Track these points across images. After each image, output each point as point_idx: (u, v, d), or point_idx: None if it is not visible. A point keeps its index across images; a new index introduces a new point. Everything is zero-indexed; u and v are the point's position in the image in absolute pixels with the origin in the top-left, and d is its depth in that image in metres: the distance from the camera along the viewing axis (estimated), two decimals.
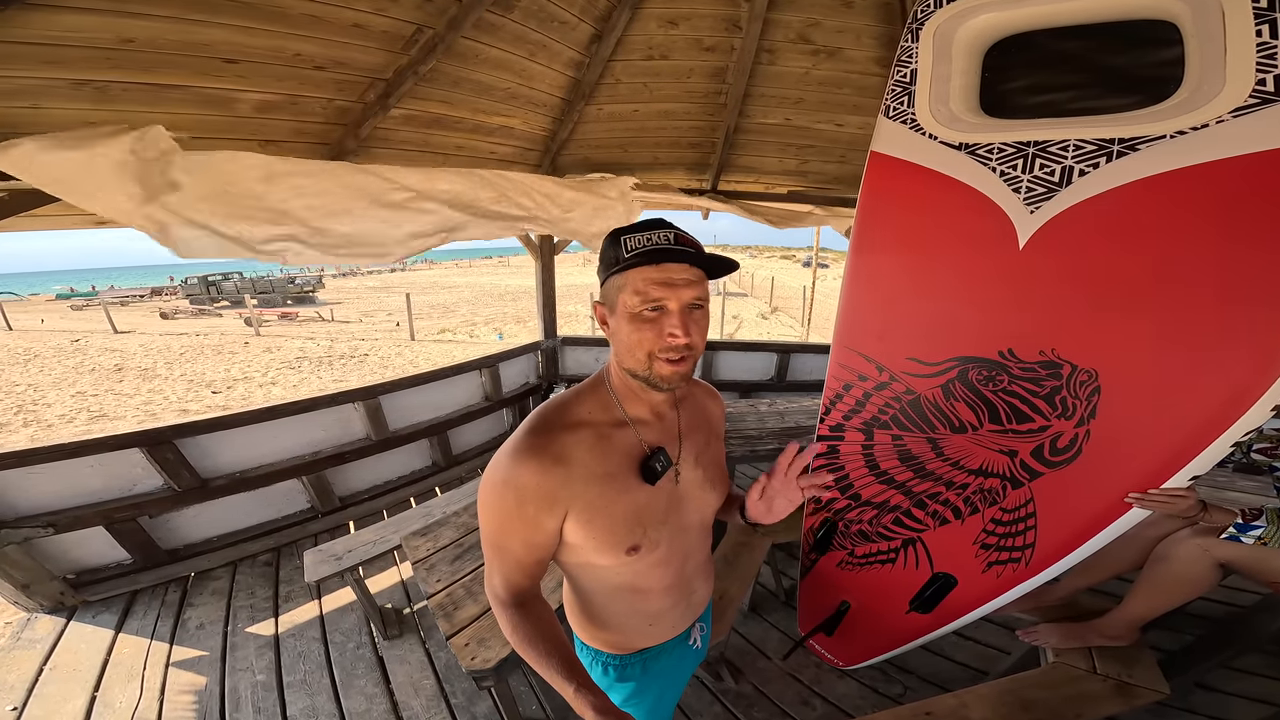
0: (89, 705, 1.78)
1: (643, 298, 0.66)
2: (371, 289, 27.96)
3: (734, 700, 1.83)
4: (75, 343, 12.80)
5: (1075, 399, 1.17)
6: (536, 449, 0.70)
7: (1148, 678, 1.32)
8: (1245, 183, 0.97)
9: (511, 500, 0.70)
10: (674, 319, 0.66)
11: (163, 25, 1.48)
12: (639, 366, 0.70)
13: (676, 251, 0.66)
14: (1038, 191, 1.22)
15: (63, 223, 2.29)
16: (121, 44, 1.45)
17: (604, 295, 0.72)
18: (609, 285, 0.70)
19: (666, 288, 0.65)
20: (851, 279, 1.59)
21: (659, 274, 0.65)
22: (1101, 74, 1.22)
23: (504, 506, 0.71)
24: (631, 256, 0.66)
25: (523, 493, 0.69)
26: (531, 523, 0.71)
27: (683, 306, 0.66)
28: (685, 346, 0.67)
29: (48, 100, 1.45)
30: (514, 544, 0.73)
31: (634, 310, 0.67)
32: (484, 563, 1.71)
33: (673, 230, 0.68)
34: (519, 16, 2.15)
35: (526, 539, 0.73)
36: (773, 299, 19.19)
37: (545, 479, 0.69)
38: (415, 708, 1.80)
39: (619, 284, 0.68)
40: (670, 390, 0.73)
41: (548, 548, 0.76)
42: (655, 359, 0.68)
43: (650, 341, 0.67)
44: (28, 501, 2.12)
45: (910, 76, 1.45)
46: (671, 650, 0.95)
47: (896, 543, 1.53)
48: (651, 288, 0.65)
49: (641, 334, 0.67)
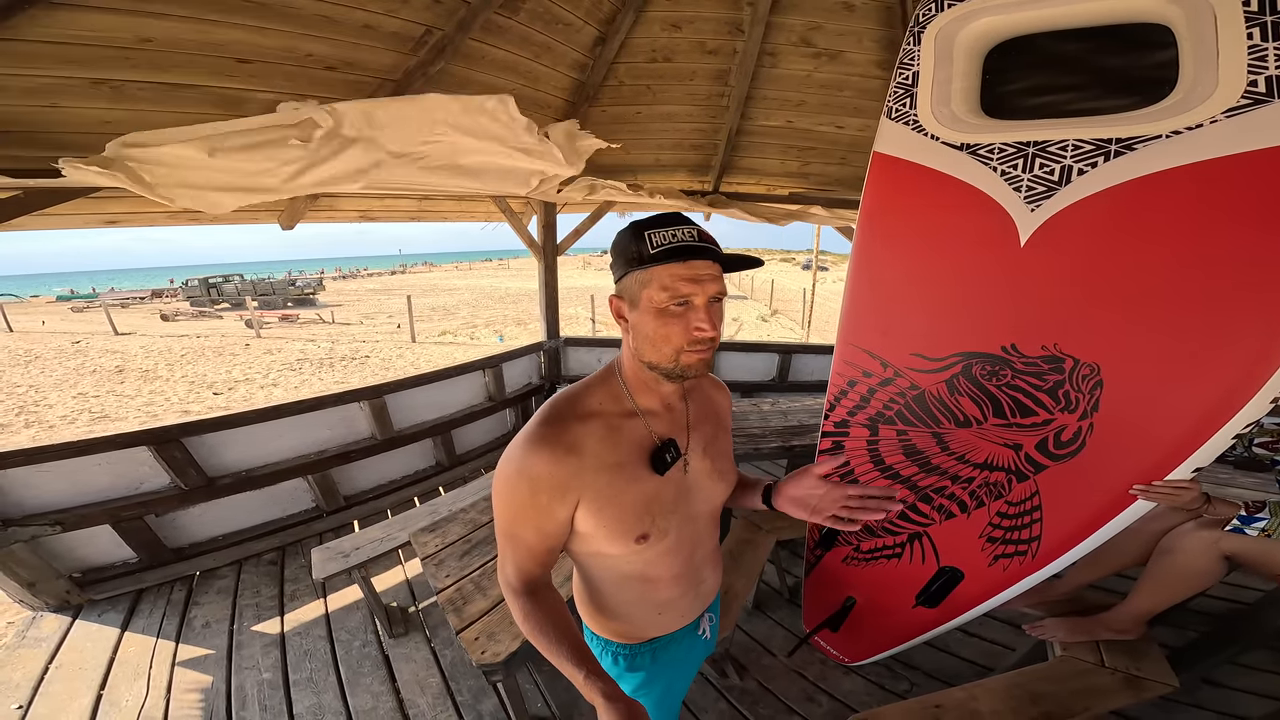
0: (95, 703, 1.79)
1: (671, 294, 0.67)
2: (372, 291, 28.00)
3: (739, 697, 1.84)
4: (76, 344, 12.81)
5: (1078, 392, 1.18)
6: (549, 439, 0.71)
7: (1156, 671, 1.32)
8: (1239, 180, 0.99)
9: (525, 489, 0.72)
10: (701, 314, 0.68)
11: (180, 25, 1.51)
12: (664, 359, 0.71)
13: (701, 249, 0.68)
14: (1038, 190, 1.24)
15: (74, 221, 2.32)
16: (140, 43, 1.48)
17: (623, 290, 0.72)
18: (630, 281, 0.70)
19: (694, 284, 0.67)
20: (855, 276, 1.61)
21: (687, 271, 0.67)
22: (1099, 76, 1.25)
23: (518, 495, 0.72)
24: (658, 253, 0.67)
25: (536, 482, 0.71)
26: (544, 511, 0.73)
27: (707, 300, 0.69)
28: (710, 339, 0.70)
29: (66, 99, 1.48)
30: (527, 532, 0.75)
31: (661, 305, 0.68)
32: (494, 557, 1.72)
33: (695, 227, 0.70)
34: (525, 19, 2.18)
35: (539, 527, 0.74)
36: (773, 301, 19.24)
37: (558, 468, 0.71)
38: (421, 705, 1.80)
39: (643, 279, 0.69)
40: (690, 379, 0.75)
41: (559, 536, 0.77)
42: (682, 352, 0.70)
43: (679, 335, 0.69)
44: (35, 499, 2.13)
45: (912, 79, 1.47)
46: (681, 640, 0.97)
47: (902, 537, 1.54)
48: (680, 284, 0.67)
49: (669, 328, 0.69)
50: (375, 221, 3.58)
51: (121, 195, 2.28)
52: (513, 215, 3.68)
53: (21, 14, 1.30)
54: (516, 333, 13.72)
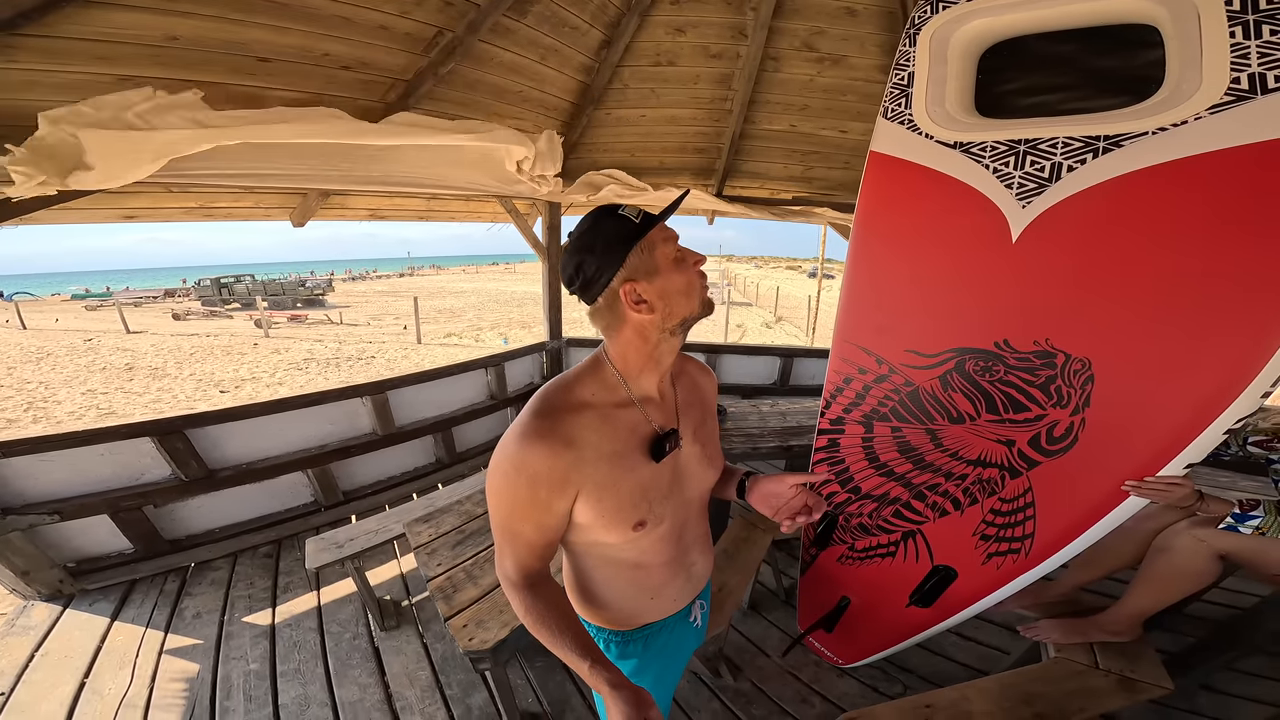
0: (77, 691, 1.77)
1: (674, 244, 0.74)
2: (380, 293, 28.25)
3: (733, 697, 1.82)
4: (88, 342, 13.00)
5: (1070, 387, 1.18)
6: (545, 433, 0.71)
7: (1151, 673, 1.30)
8: (1225, 174, 1.00)
9: (524, 485, 0.71)
10: (689, 253, 0.76)
11: (206, 24, 1.56)
12: (697, 305, 0.76)
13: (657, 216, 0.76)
14: (1029, 187, 1.25)
15: (93, 216, 2.37)
16: (167, 41, 1.53)
17: (633, 270, 0.71)
18: (636, 257, 0.71)
19: (672, 237, 0.75)
20: (852, 274, 1.62)
21: (665, 229, 0.74)
22: (1090, 75, 1.27)
23: (515, 492, 0.72)
24: (642, 222, 0.72)
25: (535, 478, 0.70)
26: (544, 506, 0.72)
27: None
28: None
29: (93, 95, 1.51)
30: (526, 528, 0.75)
31: (674, 256, 0.74)
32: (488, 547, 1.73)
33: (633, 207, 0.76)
34: (533, 21, 2.22)
35: (539, 522, 0.74)
36: (777, 308, 19.21)
37: (557, 462, 0.70)
38: (409, 698, 1.79)
39: (648, 245, 0.72)
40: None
41: (559, 529, 0.77)
42: (703, 291, 0.77)
43: (698, 277, 0.76)
44: (36, 488, 2.14)
45: (908, 79, 1.49)
46: (673, 627, 0.96)
47: (896, 535, 1.54)
48: (670, 239, 0.74)
49: (689, 274, 0.75)
50: (384, 220, 3.63)
51: (139, 191, 2.34)
52: (518, 216, 3.72)
53: (57, 11, 1.35)
54: (521, 335, 13.79)
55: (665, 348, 0.79)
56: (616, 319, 0.75)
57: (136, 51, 1.52)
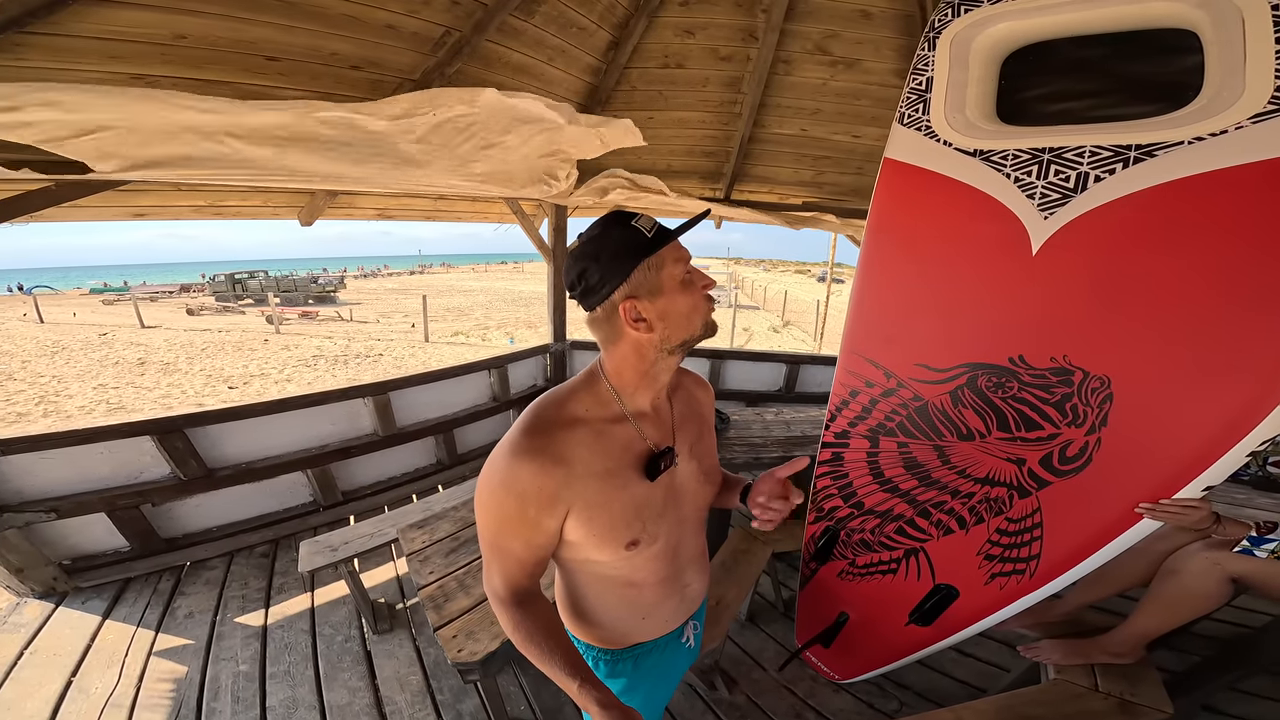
0: (64, 690, 1.76)
1: (684, 265, 0.72)
2: (391, 290, 28.50)
3: (727, 710, 1.78)
4: (103, 336, 13.21)
5: (1086, 406, 1.13)
6: (535, 450, 0.69)
7: (1151, 696, 1.26)
8: (1264, 188, 0.94)
9: (513, 503, 0.69)
10: (697, 275, 0.74)
11: (214, 22, 1.55)
12: (698, 327, 0.74)
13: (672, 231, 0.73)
14: (1052, 197, 1.20)
15: (102, 214, 2.39)
16: (175, 39, 1.53)
17: (636, 287, 0.69)
18: (641, 273, 0.69)
19: (684, 256, 0.73)
20: (861, 284, 1.57)
21: (678, 247, 0.72)
22: (1120, 82, 1.21)
23: (504, 509, 0.70)
24: (654, 238, 0.69)
25: (524, 495, 0.69)
26: (533, 524, 0.71)
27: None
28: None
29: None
30: (515, 545, 0.73)
31: (681, 277, 0.72)
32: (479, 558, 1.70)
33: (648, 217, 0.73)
34: (540, 21, 2.20)
35: (528, 540, 0.72)
36: (785, 312, 19.10)
37: (547, 480, 0.68)
38: (399, 703, 1.77)
39: (656, 264, 0.69)
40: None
41: (549, 547, 0.75)
42: (707, 312, 0.75)
43: (703, 299, 0.74)
44: (34, 486, 2.13)
45: (926, 84, 1.45)
46: (664, 647, 0.94)
47: (898, 553, 1.49)
48: (680, 259, 0.72)
49: (695, 296, 0.73)
50: (392, 220, 3.63)
51: (148, 189, 2.35)
52: (524, 217, 3.71)
53: (64, 10, 1.35)
54: (528, 335, 13.82)
55: (662, 366, 0.76)
56: (614, 332, 0.73)
57: (145, 50, 1.52)
